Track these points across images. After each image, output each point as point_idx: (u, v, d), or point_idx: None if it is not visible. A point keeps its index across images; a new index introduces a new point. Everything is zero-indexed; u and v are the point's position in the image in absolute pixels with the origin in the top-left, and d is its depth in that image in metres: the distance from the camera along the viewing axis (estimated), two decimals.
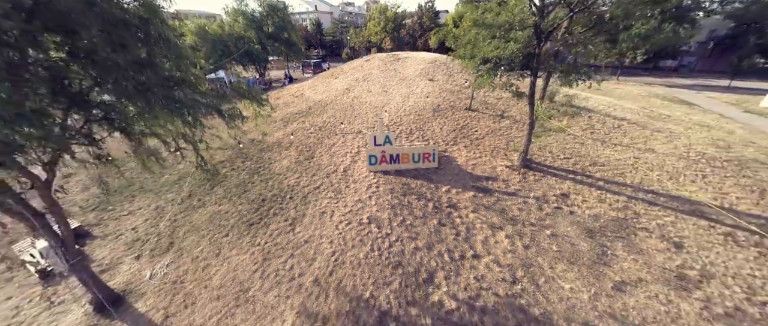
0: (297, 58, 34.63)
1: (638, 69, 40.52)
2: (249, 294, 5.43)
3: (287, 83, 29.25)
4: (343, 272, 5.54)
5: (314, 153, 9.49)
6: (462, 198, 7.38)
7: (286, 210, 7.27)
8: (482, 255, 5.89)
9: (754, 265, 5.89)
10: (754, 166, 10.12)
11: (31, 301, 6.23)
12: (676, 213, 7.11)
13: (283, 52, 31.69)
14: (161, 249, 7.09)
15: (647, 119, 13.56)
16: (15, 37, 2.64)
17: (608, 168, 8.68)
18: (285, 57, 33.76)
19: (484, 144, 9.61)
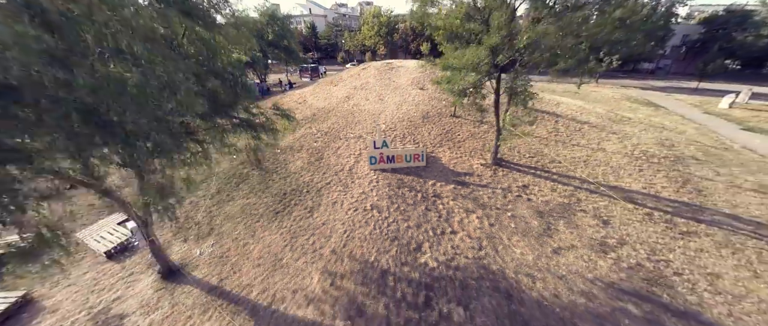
0: (295, 63, 36.21)
1: (618, 72, 43.02)
2: (283, 262, 7.24)
3: (288, 89, 30.88)
4: (353, 244, 7.39)
5: (323, 155, 11.32)
6: (444, 189, 9.30)
7: (305, 201, 9.09)
8: (458, 231, 7.82)
9: (660, 235, 7.95)
10: (688, 162, 12.31)
11: (106, 274, 7.91)
12: (610, 198, 9.16)
13: (283, 58, 33.28)
14: (203, 233, 8.83)
15: (608, 122, 15.73)
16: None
17: (563, 165, 10.73)
18: (284, 62, 35.31)
19: (465, 146, 11.59)
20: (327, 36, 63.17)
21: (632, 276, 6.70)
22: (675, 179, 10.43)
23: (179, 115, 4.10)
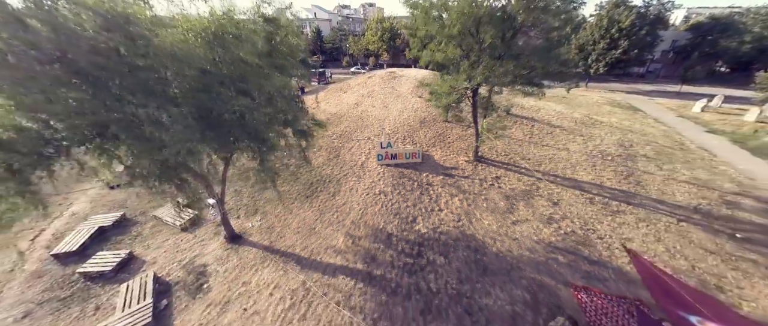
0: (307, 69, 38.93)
1: (609, 76, 45.19)
2: (315, 230, 10.05)
3: (300, 94, 33.78)
4: (367, 217, 10.18)
5: (339, 153, 14.12)
6: (435, 180, 12.07)
7: (328, 188, 11.90)
8: (443, 209, 10.58)
9: (595, 213, 10.66)
10: (638, 159, 14.99)
11: (183, 240, 10.73)
12: (563, 187, 11.87)
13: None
14: (250, 212, 11.64)
15: (579, 126, 18.40)
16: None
17: (531, 161, 13.45)
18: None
19: (453, 146, 14.35)
20: (332, 40, 65.88)
21: (566, 238, 9.43)
22: (620, 173, 13.13)
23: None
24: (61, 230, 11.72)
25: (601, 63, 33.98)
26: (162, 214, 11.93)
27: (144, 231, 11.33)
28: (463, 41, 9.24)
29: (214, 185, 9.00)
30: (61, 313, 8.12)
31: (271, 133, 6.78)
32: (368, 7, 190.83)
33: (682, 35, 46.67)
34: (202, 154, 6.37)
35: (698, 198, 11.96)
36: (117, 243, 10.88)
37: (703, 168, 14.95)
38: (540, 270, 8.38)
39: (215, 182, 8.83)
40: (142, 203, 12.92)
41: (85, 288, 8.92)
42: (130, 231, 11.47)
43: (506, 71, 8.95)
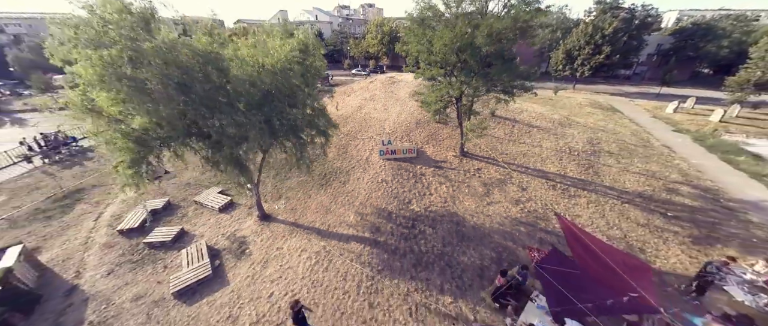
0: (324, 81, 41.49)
1: (597, 78, 47.75)
2: (331, 209, 12.64)
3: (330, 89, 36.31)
4: (372, 200, 12.78)
5: (347, 149, 16.71)
6: (427, 171, 14.68)
7: (339, 178, 14.49)
8: (433, 194, 13.19)
9: (555, 196, 13.28)
10: (602, 154, 17.62)
11: (223, 219, 13.28)
12: (532, 177, 14.49)
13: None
14: (275, 198, 14.21)
15: (557, 126, 21.02)
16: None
17: (508, 156, 16.07)
18: None
19: (443, 143, 16.97)
20: (333, 43, 68.23)
21: (529, 215, 12.06)
22: (582, 165, 15.77)
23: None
24: (117, 213, 14.26)
25: (585, 67, 36.59)
26: (202, 199, 14.49)
27: (188, 213, 13.89)
28: (445, 63, 11.88)
29: (253, 173, 11.55)
30: (137, 271, 10.69)
31: (304, 133, 9.35)
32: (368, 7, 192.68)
33: (667, 39, 49.35)
34: (257, 148, 8.97)
35: (644, 186, 14.61)
36: (168, 222, 13.43)
37: (658, 162, 17.61)
38: (505, 238, 11.00)
39: (255, 170, 11.39)
40: (183, 192, 15.49)
41: (151, 254, 11.49)
42: (176, 213, 14.03)
43: (479, 85, 11.56)
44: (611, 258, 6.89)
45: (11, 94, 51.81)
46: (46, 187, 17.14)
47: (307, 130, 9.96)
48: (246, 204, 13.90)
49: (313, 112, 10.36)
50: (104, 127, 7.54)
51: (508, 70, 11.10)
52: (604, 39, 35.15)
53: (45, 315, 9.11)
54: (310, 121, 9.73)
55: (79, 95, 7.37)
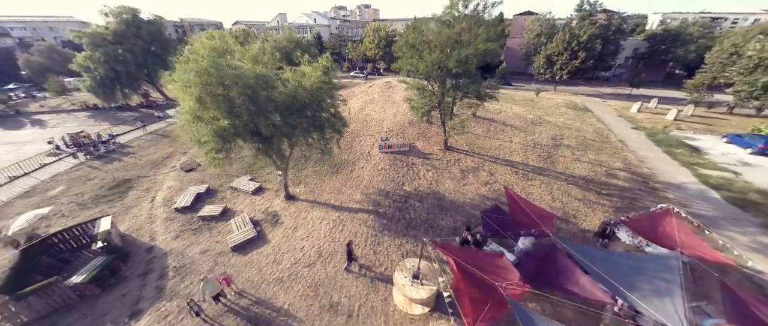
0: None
1: (579, 80, 51.79)
2: (341, 190, 16.40)
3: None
4: (373, 183, 16.56)
5: (352, 145, 20.43)
6: (417, 161, 18.48)
7: (347, 166, 18.23)
8: (421, 178, 17.02)
9: (516, 179, 17.15)
10: (562, 148, 21.54)
11: (256, 200, 16.91)
12: (501, 165, 18.35)
13: None
14: (296, 184, 17.90)
15: (529, 124, 24.93)
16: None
17: (483, 149, 19.93)
18: None
19: (431, 140, 20.78)
20: (332, 46, 71.66)
21: (494, 193, 15.92)
22: (542, 156, 19.69)
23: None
24: (167, 197, 17.82)
25: (564, 71, 40.62)
26: (236, 185, 18.13)
27: (226, 196, 17.53)
28: (428, 77, 15.74)
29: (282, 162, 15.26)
30: (198, 235, 14.32)
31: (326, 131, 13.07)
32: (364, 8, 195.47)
33: (642, 44, 53.67)
34: (297, 142, 12.73)
35: (589, 172, 18.56)
36: (211, 202, 17.04)
37: (608, 154, 21.59)
38: (474, 209, 14.83)
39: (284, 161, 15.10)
40: (218, 180, 19.09)
41: (205, 225, 15.12)
42: (216, 196, 17.66)
43: (455, 94, 15.44)
44: (530, 210, 10.73)
45: (26, 97, 54.65)
46: (96, 178, 20.66)
47: (328, 130, 13.66)
48: (273, 188, 17.59)
49: (333, 115, 14.10)
50: (203, 129, 11.11)
51: (473, 83, 14.96)
52: (579, 45, 39.19)
53: (137, 264, 12.73)
54: (329, 121, 13.45)
55: (188, 112, 10.90)
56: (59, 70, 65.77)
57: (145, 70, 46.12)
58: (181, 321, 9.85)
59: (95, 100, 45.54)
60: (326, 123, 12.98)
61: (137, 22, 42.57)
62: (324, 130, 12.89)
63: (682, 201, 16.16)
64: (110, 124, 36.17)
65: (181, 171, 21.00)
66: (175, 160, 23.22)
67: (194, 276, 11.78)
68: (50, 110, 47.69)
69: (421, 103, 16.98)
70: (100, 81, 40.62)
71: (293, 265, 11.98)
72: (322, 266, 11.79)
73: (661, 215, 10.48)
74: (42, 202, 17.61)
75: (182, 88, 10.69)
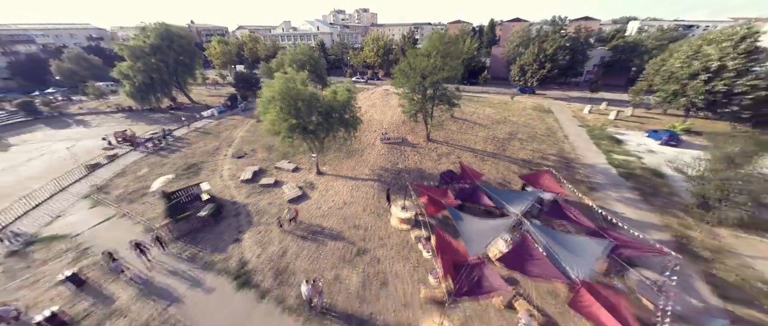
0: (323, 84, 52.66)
1: (552, 84, 59.60)
2: (355, 168, 24.39)
3: None
4: (377, 163, 24.55)
5: (361, 138, 28.35)
6: (407, 149, 26.47)
7: (358, 153, 26.18)
8: (409, 160, 25.05)
9: (474, 161, 25.19)
10: (514, 140, 29.65)
11: (296, 176, 24.68)
12: (466, 152, 26.39)
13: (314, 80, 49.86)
14: (322, 164, 25.77)
15: (494, 123, 32.98)
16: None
17: (454, 141, 27.95)
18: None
19: (419, 134, 28.77)
20: (334, 53, 79.40)
21: (457, 167, 23.90)
22: (497, 146, 27.76)
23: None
24: (231, 174, 25.49)
25: (534, 78, 48.78)
26: (279, 166, 25.89)
27: (274, 173, 25.30)
28: (414, 90, 23.84)
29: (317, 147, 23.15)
30: (262, 195, 22.11)
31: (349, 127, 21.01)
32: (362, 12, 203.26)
33: (607, 53, 62.08)
34: (331, 135, 20.67)
35: (529, 156, 26.58)
36: (264, 177, 24.77)
37: (550, 144, 29.66)
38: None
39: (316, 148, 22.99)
40: (264, 163, 26.80)
41: (265, 190, 22.91)
42: (266, 173, 25.41)
43: (432, 102, 23.52)
44: (470, 172, 18.74)
45: (64, 100, 61.78)
46: (168, 163, 28.30)
47: (350, 127, 21.52)
48: (306, 168, 25.43)
49: (352, 117, 21.97)
50: (278, 125, 18.85)
51: (442, 97, 23.09)
52: (546, 57, 47.39)
53: (229, 210, 20.45)
54: (350, 121, 21.33)
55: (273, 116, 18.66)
56: (86, 74, 73.27)
57: (175, 77, 53.35)
58: (269, 234, 17.59)
59: (129, 102, 52.78)
60: (349, 122, 20.87)
61: (170, 36, 49.87)
62: (347, 126, 20.77)
63: (587, 173, 24.23)
64: (145, 124, 43.83)
65: (233, 157, 28.73)
66: (223, 150, 30.92)
67: (267, 214, 19.52)
68: (89, 112, 54.94)
69: (410, 108, 25.01)
70: (138, 87, 47.81)
71: (329, 209, 19.81)
72: (347, 209, 19.65)
73: (541, 173, 18.51)
74: (135, 179, 25.20)
75: (266, 101, 18.66)
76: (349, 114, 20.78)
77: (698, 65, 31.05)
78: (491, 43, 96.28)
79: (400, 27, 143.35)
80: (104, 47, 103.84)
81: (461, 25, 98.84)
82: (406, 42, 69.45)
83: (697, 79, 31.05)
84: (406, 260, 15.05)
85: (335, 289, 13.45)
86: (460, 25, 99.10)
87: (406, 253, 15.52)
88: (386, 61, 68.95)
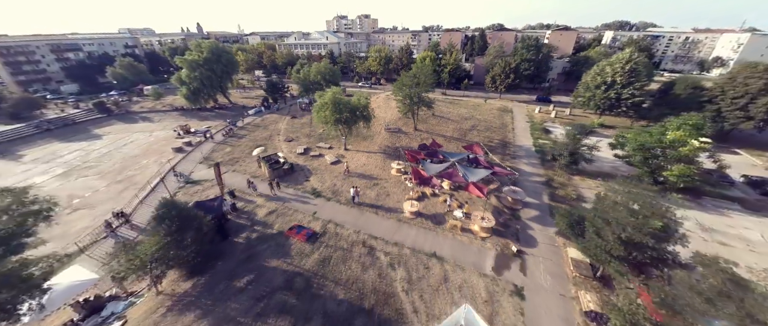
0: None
1: (523, 89, 74.97)
2: (369, 147, 39.81)
3: None
4: (383, 143, 39.97)
5: (371, 128, 43.58)
6: (401, 135, 41.91)
7: (370, 137, 41.53)
8: (402, 141, 40.53)
9: (443, 141, 40.60)
10: (472, 131, 45.11)
11: (332, 151, 39.86)
12: (439, 137, 41.78)
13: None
14: (348, 145, 40.98)
15: (461, 119, 48.33)
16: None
17: (433, 130, 43.27)
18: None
19: (409, 125, 44.13)
20: (343, 61, 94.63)
21: (426, 141, 39.29)
22: (460, 133, 43.16)
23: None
24: (288, 149, 40.84)
25: (502, 86, 64.09)
26: (319, 145, 41.06)
27: (316, 149, 40.55)
28: (405, 97, 39.18)
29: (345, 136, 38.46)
30: (313, 161, 37.46)
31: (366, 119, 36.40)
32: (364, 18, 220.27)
33: (567, 64, 77.56)
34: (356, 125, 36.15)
35: (479, 140, 41.91)
36: (311, 152, 39.98)
37: (497, 133, 45.07)
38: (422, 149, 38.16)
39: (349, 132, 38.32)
40: (310, 143, 42.01)
41: (314, 158, 38.28)
42: (312, 149, 40.68)
43: (417, 105, 38.85)
44: (434, 144, 34.04)
45: (126, 100, 76.61)
46: (240, 145, 43.55)
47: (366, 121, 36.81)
48: (337, 147, 40.69)
49: (367, 114, 37.25)
50: (328, 118, 34.15)
51: (422, 102, 38.47)
52: (510, 70, 62.73)
53: (297, 168, 35.69)
54: (366, 116, 36.62)
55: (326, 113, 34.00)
56: (134, 79, 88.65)
57: (220, 83, 68.35)
58: (323, 176, 32.69)
59: (181, 102, 67.44)
60: (366, 117, 36.15)
61: (219, 51, 64.96)
62: (365, 120, 36.05)
63: (515, 150, 39.56)
64: (197, 120, 58.93)
65: (285, 141, 43.97)
66: (275, 137, 46.20)
67: (319, 170, 34.73)
68: (148, 110, 69.97)
69: (403, 109, 40.24)
70: (193, 91, 62.77)
71: (355, 167, 35.02)
72: (365, 167, 34.87)
73: (474, 144, 33.89)
74: (225, 154, 40.36)
75: (321, 104, 34.00)
76: (365, 112, 35.97)
77: (600, 79, 46.40)
78: (482, 49, 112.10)
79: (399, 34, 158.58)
80: (138, 53, 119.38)
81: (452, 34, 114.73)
82: (403, 55, 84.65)
83: (600, 89, 46.39)
84: (397, 186, 30.31)
85: (365, 196, 28.61)
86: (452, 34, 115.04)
87: (397, 183, 30.77)
88: (386, 69, 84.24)
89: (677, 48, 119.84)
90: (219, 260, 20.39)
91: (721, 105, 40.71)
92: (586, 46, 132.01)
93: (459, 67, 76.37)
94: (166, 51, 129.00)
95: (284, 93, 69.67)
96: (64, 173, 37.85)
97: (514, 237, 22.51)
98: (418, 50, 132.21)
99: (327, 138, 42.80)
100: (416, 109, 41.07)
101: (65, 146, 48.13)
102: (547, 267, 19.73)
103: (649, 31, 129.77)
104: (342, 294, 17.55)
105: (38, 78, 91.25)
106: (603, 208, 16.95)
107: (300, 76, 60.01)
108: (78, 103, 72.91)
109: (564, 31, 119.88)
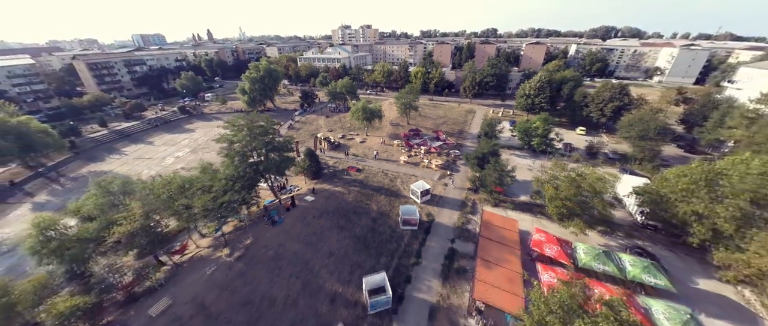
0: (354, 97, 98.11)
1: (491, 94, 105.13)
2: (380, 135, 70.11)
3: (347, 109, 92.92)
4: (389, 133, 70.37)
5: (382, 122, 73.68)
6: (400, 127, 72.11)
7: (381, 128, 71.72)
8: (402, 131, 70.78)
9: (425, 130, 70.91)
10: (443, 125, 75.64)
11: (358, 136, 69.86)
12: (422, 127, 72.09)
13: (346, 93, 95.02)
14: (368, 134, 71.05)
15: (437, 117, 78.50)
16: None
17: (419, 125, 73.51)
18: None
19: (404, 121, 74.28)
20: (354, 73, 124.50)
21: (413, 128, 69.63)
22: (435, 125, 73.60)
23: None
24: (332, 135, 71.37)
25: (470, 93, 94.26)
26: (350, 134, 70.97)
27: (348, 135, 70.73)
28: (403, 103, 69.63)
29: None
30: (349, 141, 67.72)
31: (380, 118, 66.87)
32: (366, 28, 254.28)
33: (522, 76, 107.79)
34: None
35: (447, 129, 72.15)
36: (346, 136, 70.10)
37: (459, 126, 75.52)
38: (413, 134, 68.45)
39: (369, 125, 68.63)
40: (343, 133, 72.18)
41: (349, 140, 68.53)
42: (348, 135, 70.87)
43: (409, 108, 69.23)
44: (417, 129, 64.27)
45: (199, 104, 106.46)
46: (301, 132, 74.08)
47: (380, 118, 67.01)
48: (361, 135, 70.97)
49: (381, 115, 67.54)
50: (359, 118, 64.51)
51: (412, 107, 68.97)
52: (476, 82, 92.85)
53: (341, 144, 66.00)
54: (380, 115, 66.85)
55: (359, 114, 64.43)
56: (194, 88, 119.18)
57: (270, 92, 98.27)
58: (357, 150, 62.79)
59: (241, 106, 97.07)
60: (380, 116, 66.38)
61: (270, 69, 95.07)
62: (379, 118, 66.30)
63: (466, 135, 69.82)
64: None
65: (328, 131, 74.29)
66: (320, 130, 76.53)
67: (352, 146, 64.96)
68: (216, 112, 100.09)
69: (400, 110, 70.43)
70: (252, 98, 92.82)
71: (374, 144, 65.17)
72: (380, 145, 64.90)
73: (438, 131, 64.25)
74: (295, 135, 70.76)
75: (355, 109, 64.40)
76: (379, 114, 66.14)
77: (527, 89, 76.64)
78: (469, 58, 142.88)
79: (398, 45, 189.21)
80: (185, 65, 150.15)
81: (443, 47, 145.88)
82: (401, 70, 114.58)
83: (525, 96, 76.63)
84: (399, 151, 60.54)
85: (380, 155, 58.79)
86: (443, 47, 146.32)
87: (397, 150, 60.98)
88: (388, 80, 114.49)
89: (628, 59, 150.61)
90: (321, 175, 50.62)
91: (591, 107, 70.88)
92: (555, 56, 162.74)
93: (443, 79, 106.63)
94: (202, 62, 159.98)
95: (315, 99, 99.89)
96: (191, 150, 67.95)
97: (449, 170, 52.60)
98: (414, 58, 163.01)
99: (355, 129, 72.91)
100: (408, 111, 71.32)
101: (175, 136, 78.42)
102: (460, 181, 49.79)
103: (606, 45, 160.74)
104: (375, 186, 47.72)
105: (115, 87, 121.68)
106: (479, 149, 47.18)
107: (329, 89, 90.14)
108: (164, 107, 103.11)
109: (535, 45, 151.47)
